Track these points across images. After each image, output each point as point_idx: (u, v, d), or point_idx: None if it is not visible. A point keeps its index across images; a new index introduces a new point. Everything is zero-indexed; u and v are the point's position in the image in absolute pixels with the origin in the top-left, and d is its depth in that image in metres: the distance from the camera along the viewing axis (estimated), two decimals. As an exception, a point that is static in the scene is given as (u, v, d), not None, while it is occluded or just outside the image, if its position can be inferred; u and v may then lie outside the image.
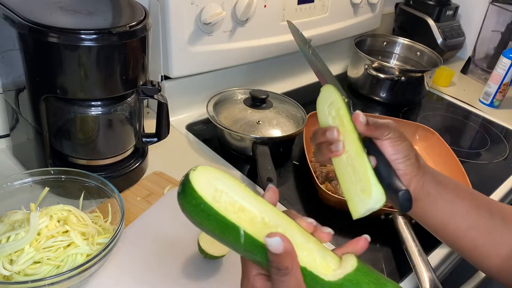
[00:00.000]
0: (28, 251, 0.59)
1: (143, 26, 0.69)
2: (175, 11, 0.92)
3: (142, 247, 0.67)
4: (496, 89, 1.33)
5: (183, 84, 1.04)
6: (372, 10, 1.39)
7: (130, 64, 0.70)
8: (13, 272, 0.58)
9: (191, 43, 0.97)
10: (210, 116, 0.96)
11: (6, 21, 0.66)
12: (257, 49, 1.10)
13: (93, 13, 0.69)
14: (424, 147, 1.06)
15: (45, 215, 0.63)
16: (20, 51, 0.65)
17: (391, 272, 0.76)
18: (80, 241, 0.62)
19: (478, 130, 1.27)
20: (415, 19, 1.54)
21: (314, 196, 0.87)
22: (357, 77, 1.32)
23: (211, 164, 0.94)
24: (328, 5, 1.22)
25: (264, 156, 0.87)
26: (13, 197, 0.68)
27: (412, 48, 1.42)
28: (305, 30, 1.19)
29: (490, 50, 1.52)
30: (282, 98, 1.06)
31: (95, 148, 0.77)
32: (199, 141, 1.00)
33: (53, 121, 0.73)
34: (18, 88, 0.72)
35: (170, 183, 0.83)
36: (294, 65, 1.30)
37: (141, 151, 0.86)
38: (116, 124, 0.76)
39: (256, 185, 0.90)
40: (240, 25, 1.03)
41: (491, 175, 1.05)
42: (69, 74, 0.66)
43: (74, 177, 0.71)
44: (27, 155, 0.80)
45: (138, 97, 0.78)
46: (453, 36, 1.52)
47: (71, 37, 0.63)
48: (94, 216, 0.70)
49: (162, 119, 0.84)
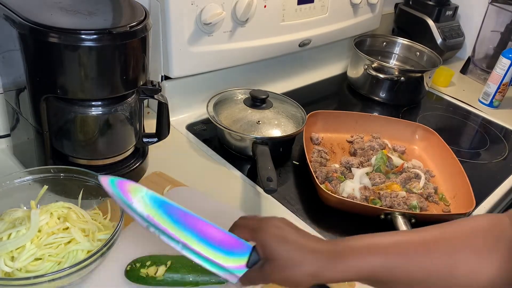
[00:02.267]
0: (29, 248, 0.60)
1: (143, 26, 0.69)
2: (175, 11, 0.92)
3: (142, 247, 0.68)
4: (496, 89, 1.33)
5: (183, 84, 1.04)
6: (371, 10, 1.39)
7: (131, 64, 0.70)
8: (15, 269, 0.58)
9: (191, 43, 0.97)
10: (210, 116, 0.96)
11: (7, 21, 0.66)
12: (257, 49, 1.10)
13: (93, 13, 0.69)
14: (423, 147, 1.07)
15: (45, 212, 0.64)
16: (21, 51, 0.65)
17: (391, 271, 0.76)
18: (80, 238, 0.63)
19: (477, 130, 1.27)
20: (415, 19, 1.54)
21: (314, 196, 0.87)
22: (357, 77, 1.32)
23: (211, 164, 0.95)
24: (328, 5, 1.22)
25: (264, 156, 0.87)
26: (12, 196, 0.68)
27: (411, 48, 1.42)
28: (305, 30, 1.19)
29: (490, 50, 1.53)
30: (282, 98, 1.06)
31: (95, 148, 0.77)
32: (199, 141, 1.00)
33: (53, 121, 0.73)
34: (19, 88, 0.72)
35: (170, 183, 0.83)
36: (294, 65, 1.30)
37: (141, 151, 0.86)
38: (116, 124, 0.76)
39: (256, 185, 0.90)
40: (240, 25, 1.03)
41: (490, 175, 1.05)
42: (70, 74, 0.66)
43: (73, 175, 0.71)
44: (27, 155, 0.80)
45: (139, 97, 0.78)
46: (452, 36, 1.53)
47: (71, 37, 0.63)
48: (94, 213, 0.70)
49: (162, 119, 0.84)
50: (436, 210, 0.89)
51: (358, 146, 1.01)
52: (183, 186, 0.83)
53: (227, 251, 0.53)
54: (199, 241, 0.53)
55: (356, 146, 1.02)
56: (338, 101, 1.35)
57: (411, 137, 1.08)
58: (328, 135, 1.07)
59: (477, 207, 0.93)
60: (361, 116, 1.10)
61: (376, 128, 1.08)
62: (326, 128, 1.07)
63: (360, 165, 0.95)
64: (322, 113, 1.06)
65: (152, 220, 0.52)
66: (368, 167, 0.93)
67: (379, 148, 1.00)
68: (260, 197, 0.87)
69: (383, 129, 1.08)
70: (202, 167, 0.94)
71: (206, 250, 0.53)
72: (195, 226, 0.54)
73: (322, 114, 1.06)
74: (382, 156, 0.95)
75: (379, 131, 1.08)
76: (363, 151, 0.99)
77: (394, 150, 1.04)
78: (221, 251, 0.53)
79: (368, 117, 1.11)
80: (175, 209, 0.54)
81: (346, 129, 1.08)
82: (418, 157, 1.04)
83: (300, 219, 0.83)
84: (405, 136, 1.08)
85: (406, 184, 0.92)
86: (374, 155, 0.97)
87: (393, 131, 1.08)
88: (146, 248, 0.67)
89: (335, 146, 1.05)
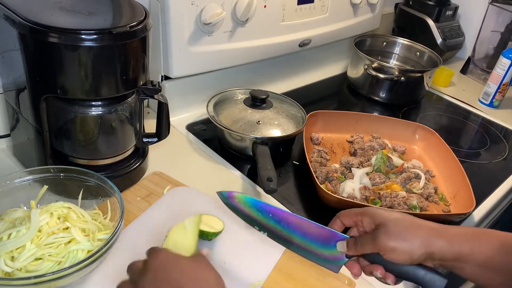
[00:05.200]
0: (29, 247, 0.60)
1: (143, 26, 0.69)
2: (175, 11, 0.92)
3: (142, 247, 0.67)
4: (496, 89, 1.33)
5: (183, 84, 1.04)
6: (372, 10, 1.39)
7: (131, 64, 0.70)
8: (15, 268, 0.58)
9: (191, 43, 0.97)
10: (210, 116, 0.96)
11: (7, 21, 0.66)
12: (257, 49, 1.10)
13: (93, 13, 0.69)
14: (423, 147, 1.07)
15: (45, 212, 0.64)
16: (21, 51, 0.65)
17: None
18: (81, 238, 0.63)
19: (477, 130, 1.27)
20: (415, 19, 1.54)
21: (314, 196, 0.87)
22: (357, 77, 1.32)
23: (211, 164, 0.95)
24: (328, 5, 1.22)
25: (264, 156, 0.87)
26: (12, 196, 0.68)
27: (411, 48, 1.42)
28: (305, 30, 1.19)
29: (490, 50, 1.53)
30: (282, 98, 1.06)
31: (95, 148, 0.77)
32: (199, 141, 1.00)
33: (53, 121, 0.73)
34: (19, 88, 0.72)
35: (170, 184, 0.83)
36: (294, 65, 1.30)
37: (141, 151, 0.86)
38: (116, 124, 0.76)
39: (256, 185, 0.90)
40: (240, 25, 1.03)
41: (490, 175, 1.05)
42: (70, 74, 0.66)
43: (73, 175, 0.71)
44: (27, 155, 0.80)
45: (139, 97, 0.78)
46: (452, 36, 1.53)
47: (71, 37, 0.63)
48: (94, 213, 0.70)
49: (162, 119, 0.84)
50: (436, 210, 0.89)
51: (358, 146, 1.01)
52: (183, 186, 0.84)
53: (325, 244, 0.60)
54: (300, 237, 0.60)
55: (356, 146, 1.02)
56: (338, 101, 1.35)
57: (411, 137, 1.08)
58: (328, 135, 1.07)
59: (477, 207, 0.92)
60: (361, 116, 1.10)
61: (376, 128, 1.08)
62: (326, 128, 1.07)
63: (360, 165, 0.95)
64: (322, 113, 1.06)
65: (260, 222, 0.61)
66: (368, 167, 0.93)
67: (379, 148, 1.00)
68: (260, 197, 0.87)
69: (383, 129, 1.08)
70: (202, 167, 0.94)
71: (307, 244, 0.60)
72: (296, 224, 0.61)
73: (322, 114, 1.06)
74: (382, 156, 0.95)
75: (379, 131, 1.08)
76: (363, 151, 0.99)
77: (394, 150, 1.04)
78: (321, 244, 0.60)
79: (368, 117, 1.11)
80: (275, 210, 0.62)
81: (346, 129, 1.08)
82: (418, 157, 1.04)
83: (300, 219, 0.83)
84: (405, 136, 1.08)
85: (406, 184, 0.92)
86: (374, 155, 0.97)
87: (393, 131, 1.08)
88: (146, 248, 0.67)
89: (335, 146, 1.05)
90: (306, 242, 0.60)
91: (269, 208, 0.61)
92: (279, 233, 0.61)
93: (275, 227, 0.61)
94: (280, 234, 0.61)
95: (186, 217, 0.74)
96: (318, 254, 0.60)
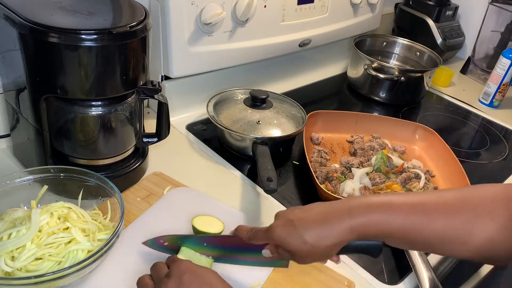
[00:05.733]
0: (29, 247, 0.60)
1: (143, 26, 0.69)
2: (175, 11, 0.92)
3: (142, 248, 0.68)
4: (496, 89, 1.33)
5: (183, 84, 1.04)
6: (371, 10, 1.39)
7: (131, 64, 0.70)
8: (15, 268, 0.58)
9: (191, 43, 0.97)
10: (210, 116, 0.96)
11: (7, 21, 0.66)
12: (257, 49, 1.10)
13: (93, 13, 0.69)
14: (423, 147, 1.07)
15: (45, 212, 0.64)
16: (21, 51, 0.65)
17: (391, 271, 0.76)
18: (81, 238, 0.63)
19: (477, 130, 1.27)
20: (415, 19, 1.54)
21: (314, 196, 0.87)
22: (357, 77, 1.32)
23: (211, 164, 0.95)
24: (328, 5, 1.22)
25: (264, 156, 0.87)
26: (12, 196, 0.68)
27: (411, 48, 1.42)
28: (305, 30, 1.19)
29: (490, 50, 1.53)
30: (282, 98, 1.07)
31: (95, 148, 0.77)
32: (199, 141, 1.00)
33: (53, 121, 0.73)
34: (19, 88, 0.72)
35: (170, 184, 0.83)
36: (294, 65, 1.30)
37: (141, 151, 0.86)
38: (116, 124, 0.76)
39: (256, 185, 0.90)
40: (240, 25, 1.03)
41: (490, 175, 1.05)
42: (70, 74, 0.66)
43: (73, 175, 0.71)
44: (27, 155, 0.80)
45: (139, 97, 0.78)
46: (452, 36, 1.53)
47: (71, 37, 0.63)
48: (94, 213, 0.70)
49: (162, 119, 0.84)
50: (436, 210, 0.89)
51: (358, 146, 1.01)
52: (183, 186, 0.84)
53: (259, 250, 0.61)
54: (239, 252, 0.64)
55: (356, 146, 1.02)
56: (338, 101, 1.35)
57: (411, 137, 1.08)
58: (328, 135, 1.07)
59: (477, 207, 0.92)
60: (361, 116, 1.10)
61: (376, 128, 1.08)
62: (326, 128, 1.07)
63: (360, 165, 0.95)
64: (322, 113, 1.06)
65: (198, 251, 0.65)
66: (368, 167, 0.93)
67: (379, 148, 1.00)
68: (260, 197, 0.87)
69: (383, 129, 1.08)
70: (202, 167, 0.94)
71: (249, 255, 0.63)
72: (227, 243, 0.65)
73: (322, 114, 1.06)
74: (382, 156, 0.95)
75: (379, 131, 1.08)
76: (363, 151, 0.99)
77: (394, 150, 1.04)
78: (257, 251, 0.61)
79: (368, 117, 1.11)
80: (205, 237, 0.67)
81: (346, 129, 1.08)
82: (418, 157, 1.04)
83: (300, 219, 0.83)
84: (405, 136, 1.08)
85: (406, 184, 0.92)
86: (374, 155, 0.97)
87: (393, 131, 1.08)
88: (146, 248, 0.67)
89: (335, 146, 1.05)
90: (247, 254, 0.64)
91: (199, 238, 0.66)
92: (222, 257, 0.66)
93: (213, 252, 0.65)
94: (219, 256, 0.65)
95: (186, 218, 0.74)
96: (262, 261, 0.63)
